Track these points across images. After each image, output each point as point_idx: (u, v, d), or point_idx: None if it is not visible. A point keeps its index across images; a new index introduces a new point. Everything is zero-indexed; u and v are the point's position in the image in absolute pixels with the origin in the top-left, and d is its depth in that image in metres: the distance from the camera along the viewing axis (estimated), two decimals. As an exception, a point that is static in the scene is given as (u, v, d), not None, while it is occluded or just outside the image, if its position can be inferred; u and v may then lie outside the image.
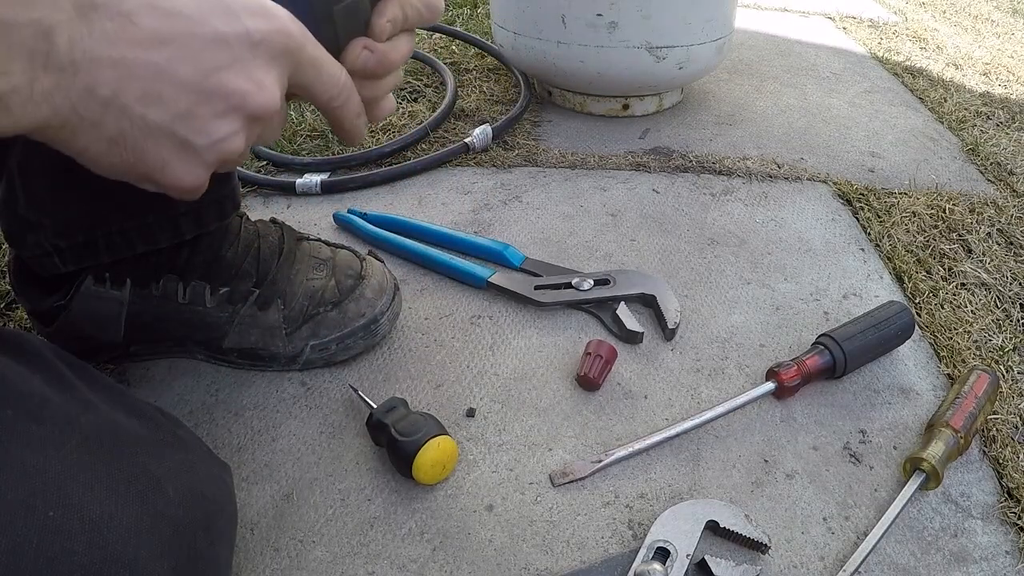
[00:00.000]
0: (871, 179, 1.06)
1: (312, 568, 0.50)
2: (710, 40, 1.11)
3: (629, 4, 1.03)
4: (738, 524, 0.53)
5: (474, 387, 0.66)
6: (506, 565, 0.51)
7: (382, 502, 0.55)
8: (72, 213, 0.56)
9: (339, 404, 0.63)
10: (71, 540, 0.31)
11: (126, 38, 0.31)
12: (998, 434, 0.64)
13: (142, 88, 0.32)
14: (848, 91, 1.38)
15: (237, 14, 0.34)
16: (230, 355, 0.64)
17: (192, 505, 0.39)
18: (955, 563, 0.54)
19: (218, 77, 0.33)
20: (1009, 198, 1.04)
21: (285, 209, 0.91)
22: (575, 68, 1.11)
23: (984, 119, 1.31)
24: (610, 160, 1.05)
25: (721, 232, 0.90)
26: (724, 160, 1.07)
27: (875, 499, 0.58)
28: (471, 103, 1.19)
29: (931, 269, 0.86)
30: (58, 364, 0.41)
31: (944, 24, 1.96)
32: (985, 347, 0.75)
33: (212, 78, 0.33)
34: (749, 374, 0.69)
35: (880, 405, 0.67)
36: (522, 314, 0.75)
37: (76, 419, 0.37)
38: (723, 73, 1.41)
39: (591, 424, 0.63)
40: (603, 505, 0.56)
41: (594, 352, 0.66)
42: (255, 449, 0.59)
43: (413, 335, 0.71)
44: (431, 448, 0.54)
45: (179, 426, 0.47)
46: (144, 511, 0.35)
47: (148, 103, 0.32)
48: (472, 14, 1.61)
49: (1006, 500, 0.59)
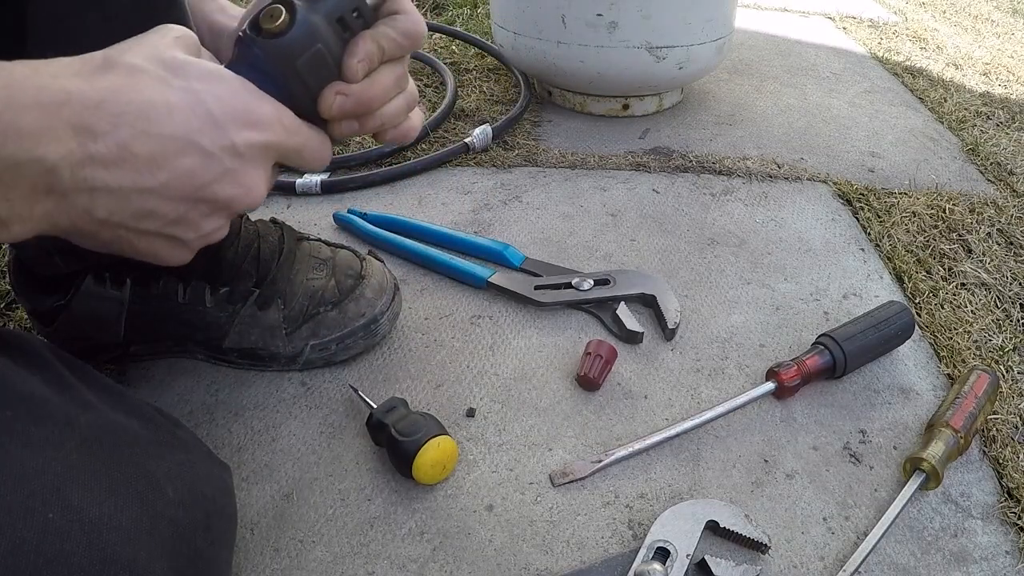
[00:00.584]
0: (871, 179, 1.06)
1: (312, 568, 0.50)
2: (710, 40, 1.11)
3: (629, 4, 1.03)
4: (738, 524, 0.53)
5: (474, 387, 0.66)
6: (506, 565, 0.51)
7: (382, 502, 0.55)
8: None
9: (339, 404, 0.63)
10: (70, 541, 0.30)
11: (123, 167, 0.33)
12: (998, 434, 0.64)
13: (138, 207, 0.35)
14: (848, 91, 1.38)
15: (224, 127, 0.36)
16: (230, 355, 0.64)
17: (192, 505, 0.39)
18: (955, 563, 0.54)
19: (209, 189, 0.36)
20: (1009, 198, 1.04)
21: (285, 209, 0.91)
22: (575, 68, 1.11)
23: (984, 119, 1.31)
24: (610, 160, 1.05)
25: (721, 232, 0.90)
26: (724, 160, 1.07)
27: (875, 499, 0.58)
28: (471, 103, 1.19)
29: (931, 269, 0.86)
30: (57, 364, 0.41)
31: (944, 24, 1.96)
32: (985, 347, 0.75)
33: (203, 191, 0.36)
34: (749, 374, 0.69)
35: (880, 405, 0.67)
36: (522, 314, 0.75)
37: (75, 420, 0.37)
38: (723, 73, 1.41)
39: (591, 424, 0.63)
40: (603, 505, 0.56)
41: (594, 352, 0.66)
42: (255, 449, 0.59)
43: (413, 335, 0.71)
44: (431, 448, 0.54)
45: (179, 426, 0.47)
46: (143, 512, 0.35)
47: (142, 218, 0.35)
48: (472, 14, 1.61)
49: (1006, 500, 0.59)
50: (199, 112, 0.35)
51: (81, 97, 0.32)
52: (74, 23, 0.44)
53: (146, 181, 0.34)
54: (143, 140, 0.33)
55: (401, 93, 0.45)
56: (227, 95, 0.36)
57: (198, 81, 0.36)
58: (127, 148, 0.33)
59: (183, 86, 0.35)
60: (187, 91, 0.35)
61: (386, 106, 0.44)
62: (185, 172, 0.35)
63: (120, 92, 0.33)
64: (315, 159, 0.41)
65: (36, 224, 0.32)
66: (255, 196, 0.38)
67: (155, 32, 0.37)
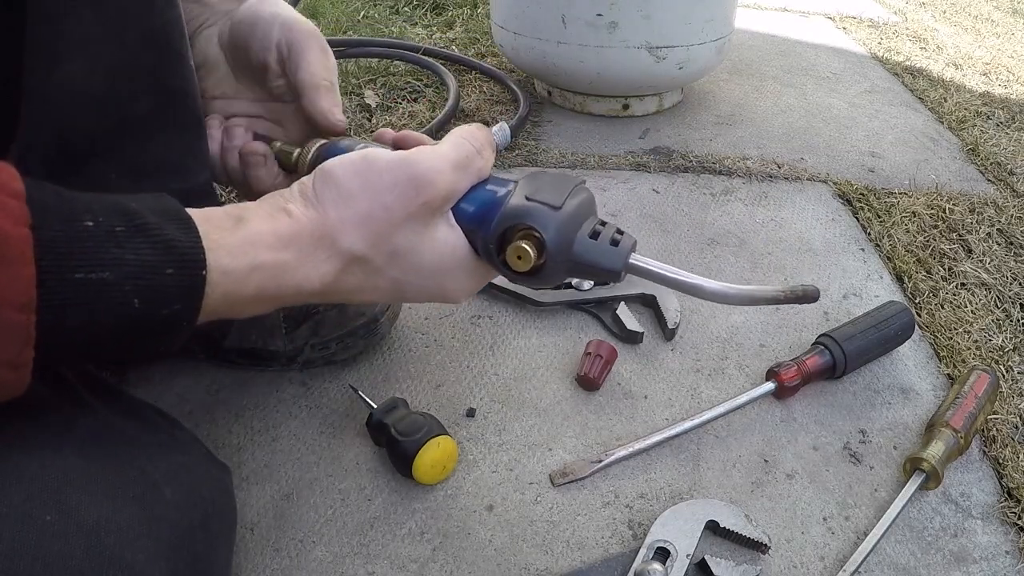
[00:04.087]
0: (871, 179, 1.06)
1: (312, 568, 0.50)
2: (710, 40, 1.11)
3: (629, 4, 1.03)
4: (738, 524, 0.53)
5: (474, 387, 0.66)
6: (506, 565, 0.51)
7: (382, 502, 0.55)
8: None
9: (339, 404, 0.63)
10: (68, 544, 0.30)
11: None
12: (998, 434, 0.64)
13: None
14: (848, 91, 1.38)
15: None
16: (230, 354, 0.64)
17: (190, 507, 0.39)
18: (955, 563, 0.54)
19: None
20: (1009, 198, 1.04)
21: (285, 209, 0.91)
22: (575, 68, 1.11)
23: (984, 119, 1.31)
24: (610, 160, 1.05)
25: (721, 232, 0.90)
26: (724, 160, 1.07)
27: (875, 499, 0.58)
28: (471, 103, 1.19)
29: (931, 269, 0.86)
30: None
31: (944, 24, 1.96)
32: (985, 347, 0.75)
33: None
34: (749, 374, 0.69)
35: (880, 405, 0.67)
36: (522, 314, 0.75)
37: (74, 422, 0.37)
38: (723, 73, 1.41)
39: (591, 424, 0.63)
40: (603, 505, 0.56)
41: (594, 352, 0.66)
42: (255, 449, 0.59)
43: (413, 335, 0.71)
44: (431, 448, 0.54)
45: (178, 428, 0.47)
46: (142, 514, 0.35)
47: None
48: (472, 14, 1.61)
49: (1006, 500, 0.59)
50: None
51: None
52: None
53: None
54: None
55: None
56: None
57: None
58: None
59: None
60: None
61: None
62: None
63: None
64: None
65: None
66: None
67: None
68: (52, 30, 0.41)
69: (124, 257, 0.31)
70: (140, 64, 0.44)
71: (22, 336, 0.29)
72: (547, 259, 0.42)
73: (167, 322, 0.34)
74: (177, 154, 0.49)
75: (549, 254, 0.42)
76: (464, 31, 1.51)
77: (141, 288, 0.32)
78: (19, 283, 0.28)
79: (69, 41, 0.41)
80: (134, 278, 0.32)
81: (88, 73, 0.42)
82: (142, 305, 0.32)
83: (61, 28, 0.41)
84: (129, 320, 0.32)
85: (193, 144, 0.50)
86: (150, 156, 0.47)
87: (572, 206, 0.42)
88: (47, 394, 0.37)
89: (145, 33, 0.44)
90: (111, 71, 0.43)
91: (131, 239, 0.32)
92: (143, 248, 0.32)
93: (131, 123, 0.45)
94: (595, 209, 0.46)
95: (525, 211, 0.42)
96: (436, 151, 0.42)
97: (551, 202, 0.42)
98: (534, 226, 0.41)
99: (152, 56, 0.45)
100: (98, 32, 0.42)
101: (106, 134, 0.45)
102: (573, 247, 0.42)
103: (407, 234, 0.41)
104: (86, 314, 0.31)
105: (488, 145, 0.44)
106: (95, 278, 0.30)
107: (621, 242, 0.43)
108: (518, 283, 0.45)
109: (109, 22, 0.42)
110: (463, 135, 0.43)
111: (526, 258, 0.41)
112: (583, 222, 0.43)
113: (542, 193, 0.42)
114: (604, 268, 0.43)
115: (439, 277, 0.43)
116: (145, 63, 0.45)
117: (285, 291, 0.38)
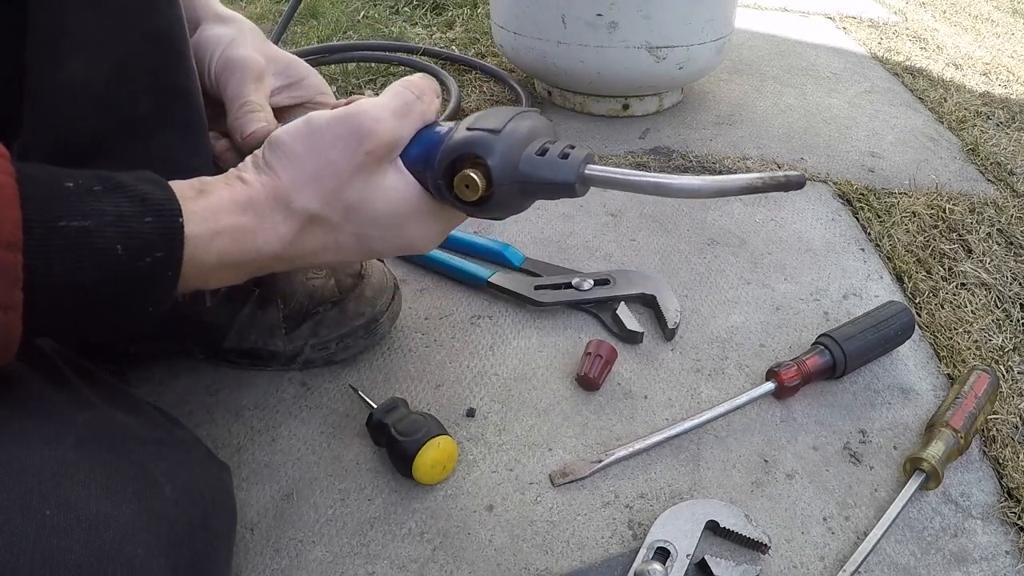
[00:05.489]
0: (871, 179, 1.06)
1: (312, 568, 0.50)
2: (710, 40, 1.11)
3: (629, 4, 1.03)
4: (738, 524, 0.53)
5: (474, 387, 0.66)
6: (506, 565, 0.51)
7: (382, 502, 0.55)
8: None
9: (339, 404, 0.63)
10: (68, 538, 0.30)
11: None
12: (998, 434, 0.64)
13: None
14: (848, 91, 1.38)
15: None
16: (230, 355, 0.64)
17: (190, 504, 0.39)
18: (955, 563, 0.54)
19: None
20: (1009, 198, 1.04)
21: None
22: (575, 68, 1.11)
23: (984, 119, 1.31)
24: (610, 160, 1.05)
25: (721, 232, 0.90)
26: (724, 160, 1.07)
27: (875, 499, 0.58)
28: (472, 103, 1.19)
29: (931, 269, 0.86)
30: (58, 362, 0.41)
31: (944, 24, 1.96)
32: (985, 347, 0.75)
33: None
34: (749, 374, 0.69)
35: (880, 405, 0.67)
36: (522, 314, 0.75)
37: (74, 417, 0.37)
38: (723, 73, 1.41)
39: (591, 424, 0.63)
40: (603, 505, 0.56)
41: (594, 352, 0.66)
42: (255, 449, 0.59)
43: (413, 335, 0.71)
44: (431, 448, 0.54)
45: (178, 426, 0.47)
46: (141, 510, 0.35)
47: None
48: (472, 14, 1.61)
49: (1006, 500, 0.59)
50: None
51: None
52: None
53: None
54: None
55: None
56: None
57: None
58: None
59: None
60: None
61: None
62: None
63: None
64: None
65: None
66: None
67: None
68: (54, 30, 0.41)
69: (104, 208, 0.33)
70: (142, 64, 0.45)
71: (11, 275, 0.30)
72: (495, 183, 0.42)
73: (151, 275, 0.35)
74: (179, 153, 0.49)
75: (496, 177, 0.41)
76: (464, 31, 1.51)
77: (122, 234, 0.33)
78: (6, 224, 0.30)
79: (71, 41, 0.41)
80: (115, 225, 0.33)
81: (90, 73, 0.42)
82: (125, 253, 0.33)
83: (63, 27, 0.41)
84: (113, 273, 0.33)
85: (195, 143, 0.50)
86: (152, 156, 0.47)
87: (514, 127, 0.42)
88: (48, 389, 0.37)
89: (147, 33, 0.44)
90: (113, 71, 0.43)
91: (110, 194, 0.34)
92: (121, 201, 0.34)
93: (133, 123, 0.45)
94: (549, 132, 0.45)
95: (465, 140, 0.42)
96: (375, 102, 0.42)
97: (491, 127, 0.42)
98: (476, 152, 0.41)
99: (154, 56, 0.45)
100: (100, 32, 0.42)
101: (108, 134, 0.45)
102: (519, 166, 0.42)
103: (357, 186, 0.41)
104: (71, 259, 0.32)
105: (429, 91, 0.45)
106: (77, 226, 0.32)
107: (571, 155, 0.42)
108: (476, 215, 0.44)
109: (111, 22, 0.42)
110: (403, 84, 0.44)
111: (473, 187, 0.41)
112: (530, 142, 0.43)
113: (482, 121, 0.42)
114: (557, 182, 0.42)
115: (398, 226, 0.44)
116: (147, 63, 0.45)
117: (247, 255, 0.39)
